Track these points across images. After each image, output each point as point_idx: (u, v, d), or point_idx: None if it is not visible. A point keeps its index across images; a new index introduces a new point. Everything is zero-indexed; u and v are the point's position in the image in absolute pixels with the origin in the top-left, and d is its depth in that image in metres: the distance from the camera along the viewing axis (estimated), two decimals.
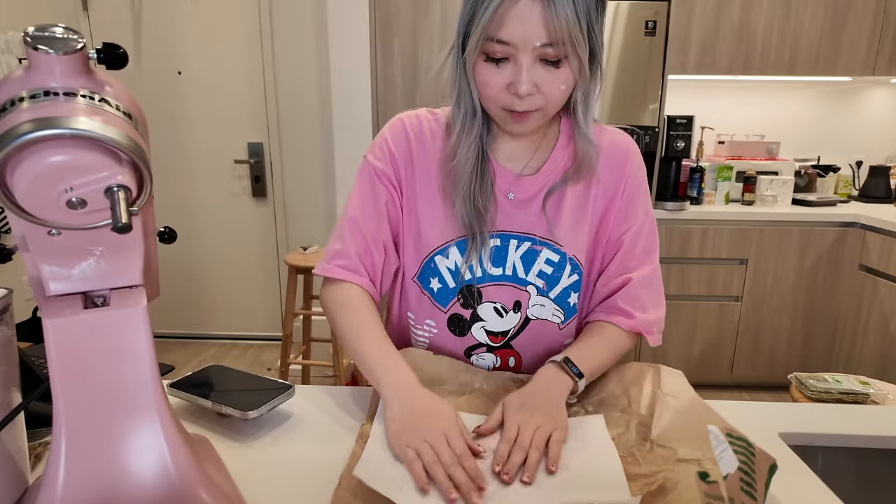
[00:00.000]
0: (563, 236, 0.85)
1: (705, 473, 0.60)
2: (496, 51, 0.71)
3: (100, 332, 0.51)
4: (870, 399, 1.57)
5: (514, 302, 0.86)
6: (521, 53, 0.70)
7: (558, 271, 0.86)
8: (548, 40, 0.69)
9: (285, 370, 2.50)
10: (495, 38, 0.69)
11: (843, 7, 2.52)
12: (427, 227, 0.85)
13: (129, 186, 0.45)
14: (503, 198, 0.84)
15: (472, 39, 0.71)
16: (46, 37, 0.44)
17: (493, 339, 0.88)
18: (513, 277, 0.85)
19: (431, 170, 0.84)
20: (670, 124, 2.51)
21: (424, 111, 0.88)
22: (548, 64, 0.71)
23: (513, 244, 0.85)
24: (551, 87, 0.73)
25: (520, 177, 0.84)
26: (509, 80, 0.72)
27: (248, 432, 0.75)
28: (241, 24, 2.88)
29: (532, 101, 0.73)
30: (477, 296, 0.86)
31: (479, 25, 0.69)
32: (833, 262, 2.57)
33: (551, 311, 0.88)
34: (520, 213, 0.84)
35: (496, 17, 0.68)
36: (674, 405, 0.72)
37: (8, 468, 0.56)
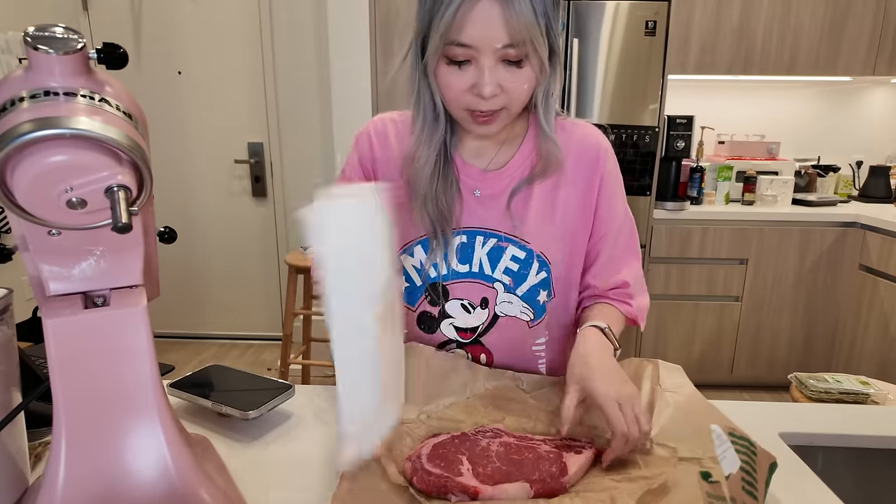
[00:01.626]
0: (529, 233, 0.84)
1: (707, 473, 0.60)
2: (457, 54, 0.70)
3: (100, 332, 0.51)
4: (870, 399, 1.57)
5: (481, 298, 0.87)
6: (483, 55, 0.70)
7: (525, 268, 0.85)
8: (509, 41, 0.69)
9: (285, 370, 2.50)
10: (456, 41, 0.69)
11: (843, 7, 2.52)
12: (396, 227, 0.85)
13: (129, 186, 0.45)
14: (469, 194, 0.84)
15: (431, 43, 0.71)
16: (46, 37, 0.44)
17: (462, 336, 0.88)
18: (479, 274, 0.86)
19: (394, 170, 0.85)
20: (670, 124, 2.51)
21: (394, 114, 0.89)
22: (510, 64, 0.71)
23: (479, 241, 0.85)
24: (514, 87, 0.73)
25: (485, 172, 0.84)
26: (472, 83, 0.72)
27: (248, 432, 0.75)
28: (241, 24, 2.88)
29: (496, 101, 0.73)
30: (444, 293, 0.86)
31: (438, 29, 0.69)
32: (833, 262, 2.56)
33: (519, 309, 0.87)
34: (486, 209, 0.84)
35: (456, 21, 0.68)
36: (673, 402, 0.72)
37: (8, 468, 0.56)
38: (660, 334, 2.67)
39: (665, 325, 2.66)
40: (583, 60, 2.37)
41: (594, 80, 2.39)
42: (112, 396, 0.52)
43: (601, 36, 2.35)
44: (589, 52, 2.36)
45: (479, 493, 0.60)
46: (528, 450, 0.67)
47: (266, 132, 3.00)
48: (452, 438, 0.68)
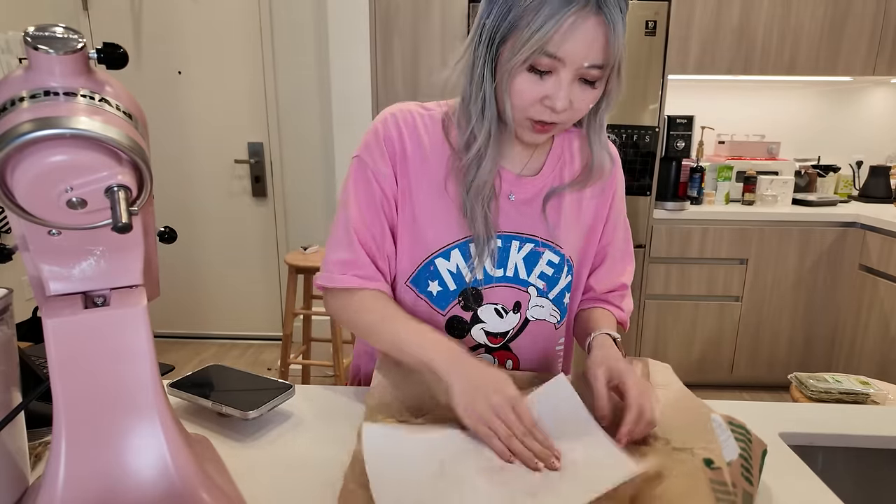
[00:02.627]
0: (562, 238, 0.86)
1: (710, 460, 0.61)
2: (544, 64, 0.69)
3: (100, 332, 0.51)
4: (870, 399, 1.57)
5: (514, 303, 0.86)
6: (566, 70, 0.69)
7: (558, 273, 0.87)
8: (600, 63, 0.69)
9: (285, 370, 2.50)
10: (551, 53, 0.67)
11: (843, 7, 2.52)
12: (427, 228, 0.82)
13: (129, 186, 0.45)
14: (504, 199, 0.83)
15: (519, 52, 0.68)
16: (47, 37, 0.44)
17: (492, 341, 0.88)
18: (514, 279, 0.85)
19: (431, 169, 0.81)
20: (670, 124, 2.51)
21: (415, 105, 0.84)
22: (584, 83, 0.71)
23: (515, 245, 0.84)
24: (582, 105, 0.73)
25: (520, 177, 0.84)
26: (546, 94, 0.71)
27: (248, 432, 0.75)
28: (241, 24, 2.88)
29: (563, 115, 0.73)
30: (478, 298, 0.85)
31: (531, 38, 0.66)
32: (833, 262, 2.56)
33: (549, 312, 0.88)
34: (520, 214, 0.84)
35: (558, 33, 0.66)
36: (664, 397, 0.74)
37: (8, 468, 0.56)
38: (660, 334, 2.67)
39: (665, 325, 2.66)
40: None
41: None
42: (112, 396, 0.52)
43: None
44: None
45: None
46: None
47: (266, 132, 3.00)
48: None
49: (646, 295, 2.62)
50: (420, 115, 0.83)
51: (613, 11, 0.66)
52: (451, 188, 0.81)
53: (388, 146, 0.81)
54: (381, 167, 0.81)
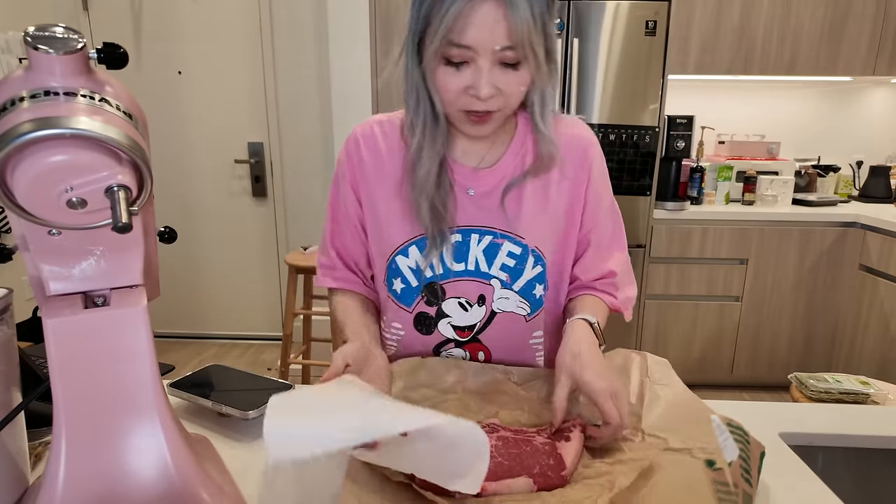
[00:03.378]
0: (524, 228, 0.85)
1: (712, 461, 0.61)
2: (455, 55, 0.71)
3: (100, 332, 0.51)
4: (870, 399, 1.57)
5: (478, 296, 0.87)
6: (481, 57, 0.70)
7: (521, 263, 0.86)
8: (509, 44, 0.69)
9: (285, 370, 2.50)
10: (457, 42, 0.69)
11: (843, 7, 2.52)
12: (387, 228, 0.86)
13: (129, 186, 0.45)
14: (462, 193, 0.85)
15: (431, 45, 0.71)
16: (47, 36, 0.44)
17: (460, 334, 0.88)
18: (475, 272, 0.86)
19: (387, 173, 0.85)
20: (670, 124, 2.51)
21: (380, 116, 0.89)
22: (506, 66, 0.72)
23: (474, 238, 0.85)
24: (510, 89, 0.74)
25: (477, 171, 0.85)
26: (468, 84, 0.72)
27: (248, 432, 0.75)
28: (241, 24, 2.88)
29: (492, 102, 0.74)
30: (440, 292, 0.86)
31: (438, 31, 0.69)
32: (833, 262, 2.56)
33: (516, 304, 0.88)
34: (479, 207, 0.85)
35: (458, 22, 0.68)
36: (663, 395, 0.74)
37: (8, 468, 0.56)
38: (660, 334, 2.67)
39: (665, 325, 2.66)
40: (583, 60, 2.37)
41: (594, 80, 2.39)
42: (112, 396, 0.52)
43: (601, 36, 2.35)
44: (589, 52, 2.36)
45: (483, 489, 0.60)
46: (525, 443, 0.68)
47: (266, 132, 3.00)
48: None
49: (646, 295, 2.62)
50: (380, 123, 0.88)
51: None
52: (406, 189, 0.84)
53: (349, 165, 0.89)
54: (347, 182, 0.89)
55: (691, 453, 0.64)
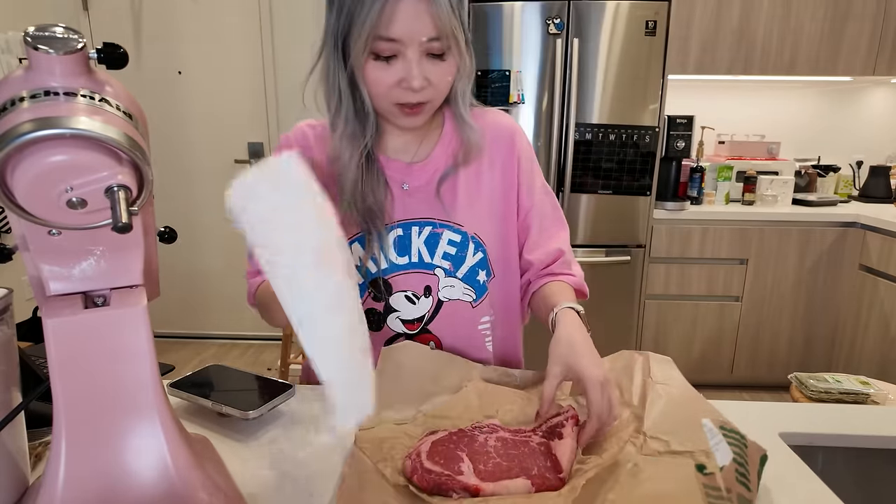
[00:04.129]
0: (461, 217, 0.87)
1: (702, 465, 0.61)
2: (384, 49, 0.72)
3: (100, 332, 0.51)
4: (870, 399, 1.57)
5: (424, 287, 0.88)
6: (409, 49, 0.72)
7: (462, 251, 0.88)
8: (435, 34, 0.72)
9: (285, 370, 2.50)
10: (385, 36, 0.71)
11: (844, 7, 2.52)
12: None
13: (129, 186, 0.45)
14: (398, 189, 0.87)
15: (357, 42, 0.72)
16: (47, 37, 0.44)
17: (409, 327, 0.89)
18: (419, 263, 0.87)
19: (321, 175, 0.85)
20: (670, 124, 2.51)
21: (307, 124, 0.90)
22: (433, 57, 0.74)
23: (415, 231, 0.87)
24: (439, 79, 0.76)
25: (411, 165, 0.87)
26: (400, 77, 0.74)
27: (248, 432, 0.75)
28: (241, 24, 2.88)
29: (424, 93, 0.76)
30: (386, 287, 0.87)
31: (364, 27, 0.71)
32: (833, 262, 2.57)
33: (461, 291, 0.89)
34: (416, 201, 0.87)
35: (384, 17, 0.70)
36: (665, 394, 0.73)
37: (8, 468, 0.56)
38: (660, 334, 2.67)
39: (665, 325, 2.66)
40: (583, 60, 2.37)
41: (594, 80, 2.39)
42: (112, 396, 0.51)
43: (601, 36, 2.35)
44: (589, 52, 2.36)
45: (481, 490, 0.60)
46: (523, 444, 0.68)
47: (266, 132, 3.00)
48: (450, 435, 0.68)
49: (646, 295, 2.62)
50: (312, 127, 0.89)
51: None
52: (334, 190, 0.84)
53: None
54: None
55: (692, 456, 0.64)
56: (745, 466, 0.61)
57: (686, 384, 0.76)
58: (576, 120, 2.40)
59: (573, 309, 0.80)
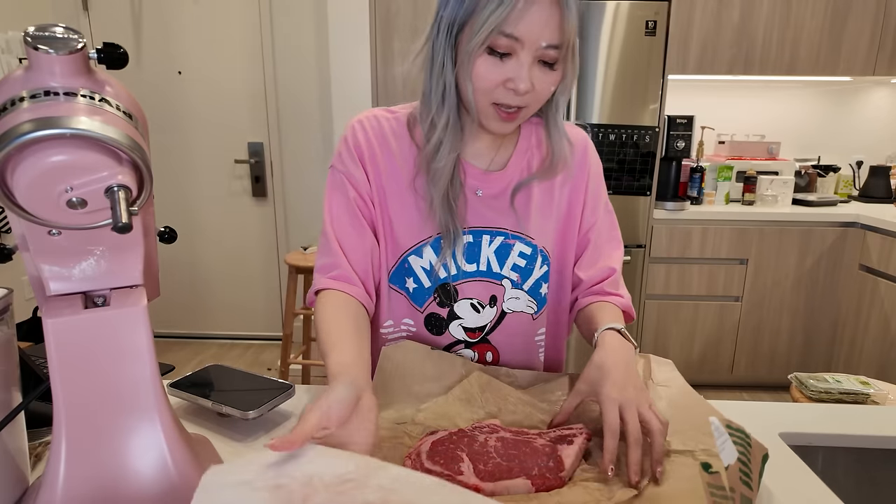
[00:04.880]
0: (533, 229, 0.87)
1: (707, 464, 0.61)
2: (502, 45, 0.70)
3: (100, 332, 0.51)
4: (870, 399, 1.57)
5: (490, 297, 0.87)
6: (525, 51, 0.70)
7: (531, 263, 0.87)
8: (556, 42, 0.70)
9: (285, 370, 2.50)
10: (508, 33, 0.69)
11: (844, 7, 2.52)
12: (400, 227, 0.85)
13: (129, 186, 0.45)
14: (472, 194, 0.85)
15: (476, 34, 0.69)
16: (47, 37, 0.44)
17: (470, 336, 0.88)
18: (487, 272, 0.86)
19: (399, 170, 0.84)
20: (670, 124, 2.51)
21: (381, 111, 0.87)
22: (544, 65, 0.73)
23: (486, 239, 0.86)
24: (543, 87, 0.74)
25: (487, 173, 0.85)
26: (508, 77, 0.72)
27: (248, 432, 0.75)
28: (241, 24, 2.88)
29: (526, 98, 0.74)
30: (453, 293, 0.86)
31: (487, 19, 0.68)
32: (833, 262, 2.57)
33: (525, 303, 0.89)
34: (489, 208, 0.85)
35: (514, 13, 0.68)
36: (666, 395, 0.74)
37: (8, 468, 0.56)
38: (660, 334, 2.67)
39: (665, 325, 2.66)
40: (583, 60, 2.37)
41: (594, 80, 2.39)
42: (112, 396, 0.52)
43: (601, 36, 2.35)
44: (589, 52, 2.36)
45: (481, 490, 0.60)
46: (525, 444, 0.68)
47: (266, 132, 3.00)
48: (450, 435, 0.68)
49: (646, 295, 2.62)
50: (386, 118, 0.86)
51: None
52: (420, 186, 0.83)
53: (357, 152, 0.84)
54: (353, 172, 0.83)
55: (693, 455, 0.64)
56: (749, 466, 0.62)
57: (686, 386, 0.76)
58: (576, 120, 2.40)
59: (615, 329, 0.79)
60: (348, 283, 0.81)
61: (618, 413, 0.66)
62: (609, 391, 0.68)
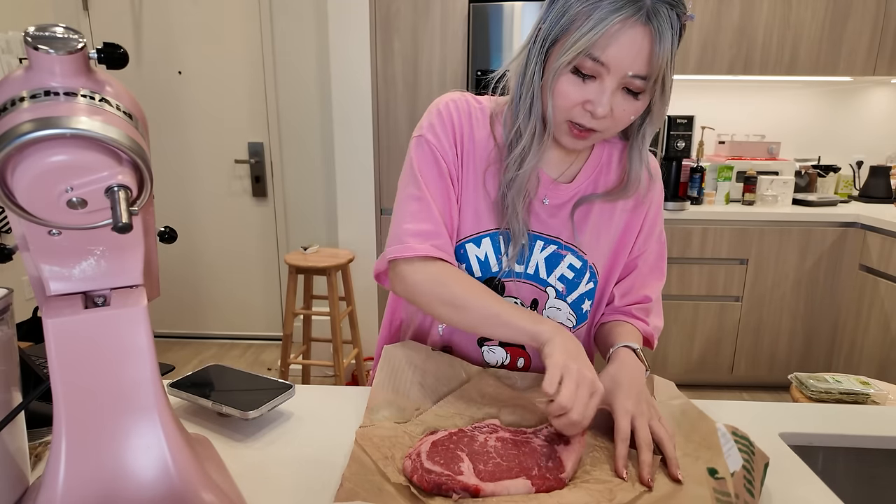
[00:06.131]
0: (586, 244, 0.87)
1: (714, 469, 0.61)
2: (588, 67, 0.70)
3: (100, 332, 0.51)
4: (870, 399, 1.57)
5: (532, 300, 0.88)
6: (610, 77, 0.70)
7: (578, 277, 0.87)
8: (644, 73, 0.70)
9: (285, 370, 2.50)
10: (595, 56, 0.69)
11: (844, 7, 2.52)
12: (465, 213, 0.85)
13: (129, 186, 0.45)
14: (538, 201, 0.86)
15: (565, 53, 0.70)
16: (47, 37, 0.44)
17: None
18: (534, 277, 0.87)
19: (477, 158, 0.84)
20: (671, 124, 2.51)
21: (469, 96, 0.87)
22: (628, 93, 0.72)
23: (539, 245, 0.86)
24: (623, 115, 0.74)
25: (556, 183, 0.86)
26: (588, 98, 0.72)
27: (248, 432, 0.75)
28: (241, 24, 2.88)
29: (601, 122, 0.74)
30: (499, 289, 0.87)
31: (580, 39, 0.68)
32: (833, 262, 2.57)
33: (566, 315, 0.89)
34: (550, 217, 0.86)
35: (603, 38, 0.67)
36: (668, 412, 0.74)
37: (8, 468, 0.56)
38: (660, 334, 2.66)
39: (665, 325, 2.65)
40: None
41: None
42: (112, 396, 0.52)
43: None
44: None
45: (481, 490, 0.60)
46: (524, 444, 0.68)
47: (266, 132, 3.00)
48: (450, 435, 0.68)
49: None
50: (473, 105, 0.86)
51: (663, 24, 0.67)
52: (489, 181, 0.84)
53: (450, 127, 0.84)
54: (445, 145, 0.83)
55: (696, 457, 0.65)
56: (752, 473, 0.62)
57: (688, 401, 0.77)
58: None
59: (630, 348, 0.80)
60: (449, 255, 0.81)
61: (629, 423, 0.68)
62: (623, 402, 0.70)
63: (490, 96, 0.86)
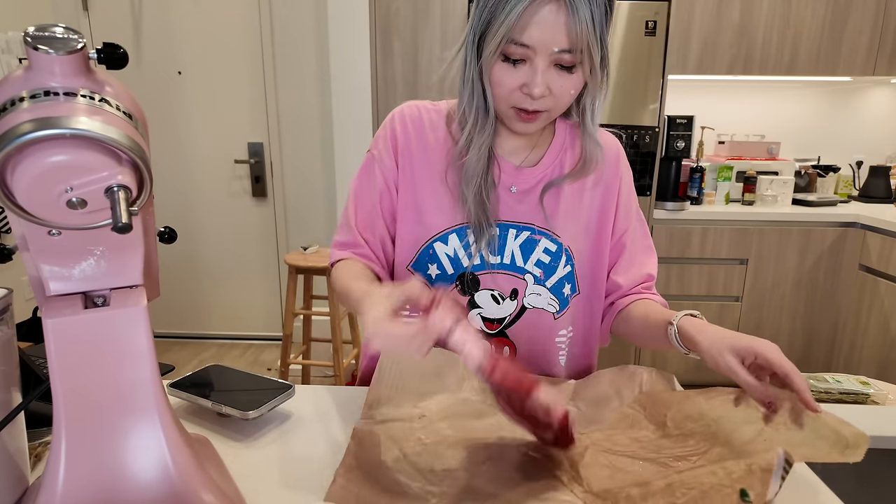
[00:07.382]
0: (560, 227, 0.88)
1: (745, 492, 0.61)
2: (514, 52, 0.73)
3: (100, 332, 0.51)
4: (870, 399, 1.57)
5: (511, 290, 0.88)
6: (539, 57, 0.72)
7: (555, 261, 0.88)
8: (567, 47, 0.72)
9: (285, 370, 2.50)
10: (517, 41, 0.72)
11: (844, 7, 2.52)
12: (429, 214, 0.87)
13: (129, 186, 0.45)
14: (505, 190, 0.87)
15: (492, 41, 0.73)
16: (47, 37, 0.44)
17: (489, 326, 0.90)
18: (511, 266, 0.88)
19: (433, 160, 0.87)
20: (670, 124, 2.51)
21: (425, 103, 0.91)
22: (561, 69, 0.74)
23: (511, 233, 0.87)
24: (562, 91, 0.76)
25: (520, 169, 0.88)
26: (523, 82, 0.74)
27: (248, 432, 0.75)
28: (241, 24, 2.88)
29: (543, 102, 0.76)
30: (473, 283, 0.88)
31: (500, 28, 0.71)
32: (833, 262, 2.56)
33: (547, 301, 0.90)
34: (520, 204, 0.87)
35: (520, 21, 0.70)
36: None
37: (8, 468, 0.56)
38: None
39: None
40: None
41: None
42: (112, 396, 0.52)
43: None
44: None
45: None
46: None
47: (266, 132, 3.00)
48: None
49: None
50: (427, 110, 0.90)
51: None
52: (451, 177, 0.86)
53: (392, 141, 0.88)
54: (385, 159, 0.88)
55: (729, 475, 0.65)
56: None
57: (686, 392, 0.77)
58: None
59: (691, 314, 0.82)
60: (366, 259, 0.88)
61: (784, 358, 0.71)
62: (763, 344, 0.72)
63: (448, 100, 0.90)
